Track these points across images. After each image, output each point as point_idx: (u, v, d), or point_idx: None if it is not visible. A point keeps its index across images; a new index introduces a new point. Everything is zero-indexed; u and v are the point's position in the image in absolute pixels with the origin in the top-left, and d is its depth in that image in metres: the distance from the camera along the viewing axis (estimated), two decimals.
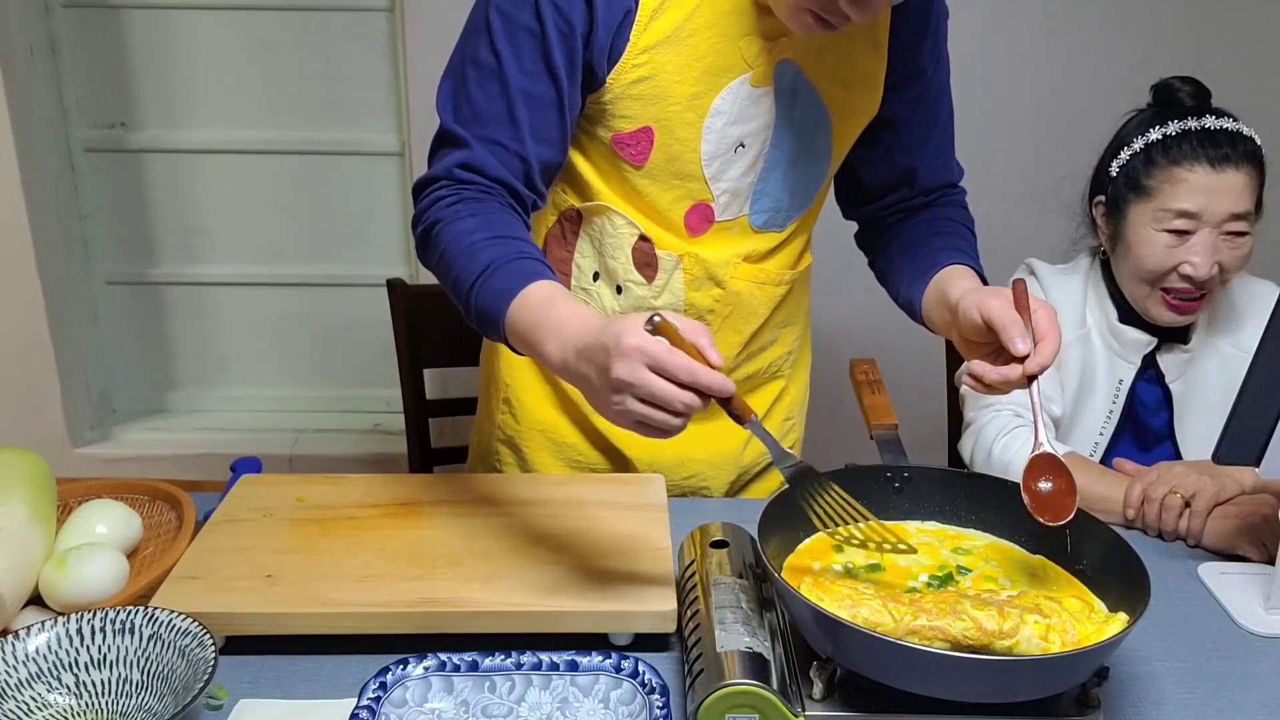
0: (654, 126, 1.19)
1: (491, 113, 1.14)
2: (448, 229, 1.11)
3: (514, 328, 1.04)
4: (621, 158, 1.21)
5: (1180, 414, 1.47)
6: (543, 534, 1.15)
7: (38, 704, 0.93)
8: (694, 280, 1.28)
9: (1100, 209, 1.49)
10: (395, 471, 1.33)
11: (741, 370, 1.37)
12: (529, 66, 1.13)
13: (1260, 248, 1.50)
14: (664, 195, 1.23)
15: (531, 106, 1.14)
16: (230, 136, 2.74)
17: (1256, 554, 1.22)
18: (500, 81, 1.13)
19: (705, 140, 1.20)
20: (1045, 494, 0.97)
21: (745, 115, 1.20)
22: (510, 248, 1.08)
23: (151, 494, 1.24)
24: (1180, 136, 1.40)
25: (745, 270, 1.29)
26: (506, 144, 1.14)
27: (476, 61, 1.14)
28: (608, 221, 1.26)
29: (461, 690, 0.96)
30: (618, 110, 1.18)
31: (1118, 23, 2.47)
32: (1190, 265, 1.38)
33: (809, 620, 0.91)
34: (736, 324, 1.33)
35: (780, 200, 1.28)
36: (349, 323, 2.90)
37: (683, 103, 1.18)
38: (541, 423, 1.37)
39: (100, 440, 2.91)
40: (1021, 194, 2.29)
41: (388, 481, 1.26)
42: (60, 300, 2.71)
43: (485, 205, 1.13)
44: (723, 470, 1.42)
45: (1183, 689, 1.02)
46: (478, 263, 1.07)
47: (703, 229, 1.26)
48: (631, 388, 0.90)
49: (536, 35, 1.12)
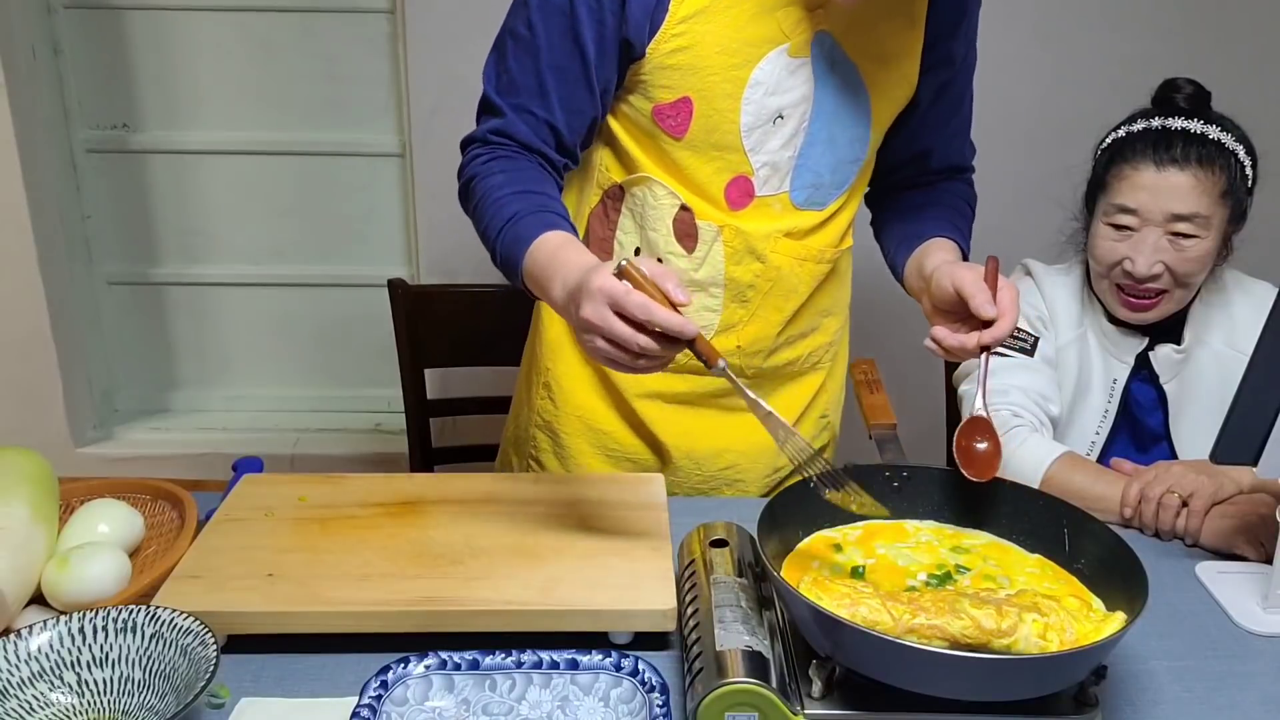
0: (693, 97, 1.20)
1: (524, 83, 1.21)
2: (482, 182, 1.20)
3: (529, 270, 1.12)
4: (662, 129, 1.23)
5: (1176, 414, 1.47)
6: (543, 534, 1.15)
7: (40, 703, 0.94)
8: (734, 253, 1.29)
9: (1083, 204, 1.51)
10: (396, 471, 1.34)
11: (781, 355, 1.38)
12: (557, 42, 1.19)
13: (1257, 248, 1.50)
14: (704, 167, 1.25)
15: (561, 79, 1.20)
16: (232, 137, 2.74)
17: (1254, 553, 1.23)
18: (533, 55, 1.20)
19: (744, 111, 1.21)
20: (976, 453, 1.07)
21: (784, 86, 1.22)
22: (534, 201, 1.16)
23: (153, 493, 1.24)
24: (1139, 135, 1.42)
25: (787, 246, 1.30)
26: (536, 112, 1.21)
27: (514, 34, 1.21)
28: (649, 192, 1.28)
29: (462, 688, 0.96)
30: (657, 80, 1.20)
31: (1116, 23, 2.47)
32: (1130, 261, 1.40)
33: (808, 619, 0.91)
34: (777, 301, 1.33)
35: (820, 176, 1.29)
36: (350, 323, 2.90)
37: (721, 73, 1.19)
38: (580, 408, 1.38)
39: (102, 440, 2.91)
40: (1020, 194, 2.29)
41: (389, 481, 1.27)
42: (62, 300, 2.72)
43: (517, 163, 1.21)
44: (759, 463, 1.42)
45: (1180, 688, 1.02)
46: (504, 213, 1.15)
47: (744, 203, 1.27)
48: (596, 328, 0.99)
49: (566, 13, 1.17)
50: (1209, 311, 1.48)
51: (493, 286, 1.79)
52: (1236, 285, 1.50)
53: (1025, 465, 1.34)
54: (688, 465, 1.39)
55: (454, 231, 2.65)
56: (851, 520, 1.11)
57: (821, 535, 1.09)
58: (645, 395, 1.36)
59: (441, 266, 2.64)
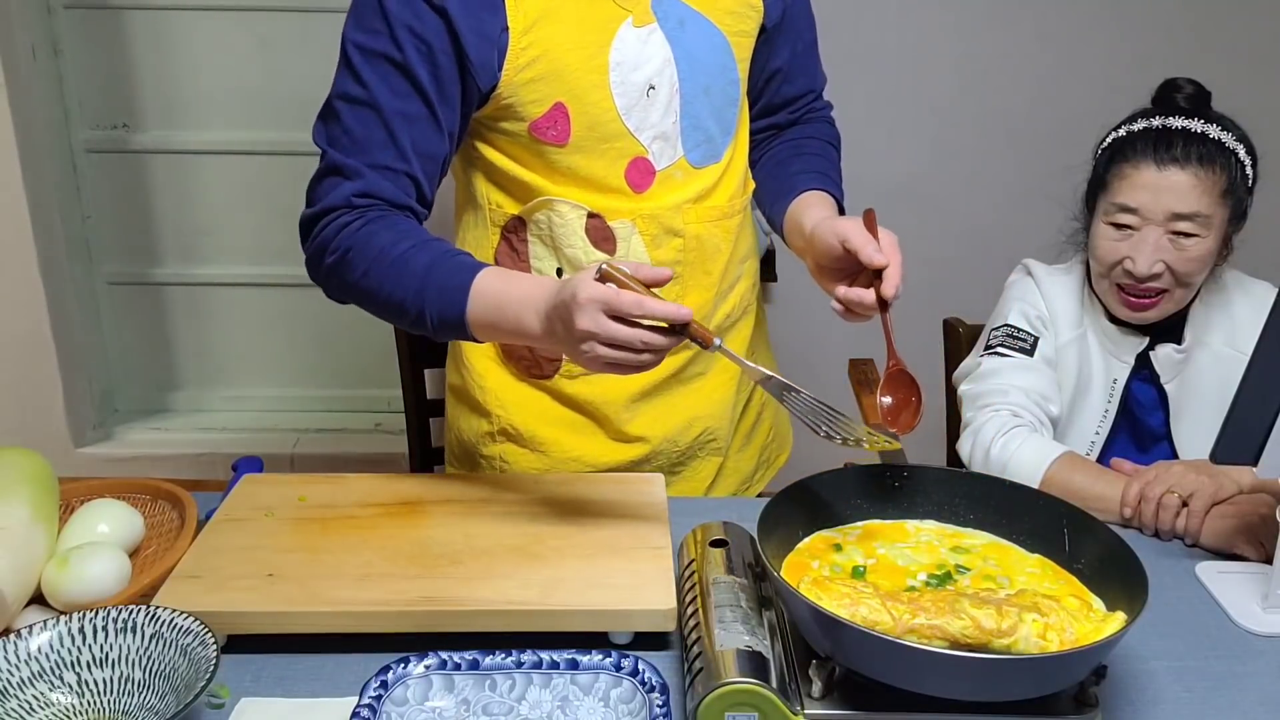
0: (564, 100, 1.20)
1: (373, 138, 1.17)
2: (365, 249, 1.15)
3: (477, 318, 1.10)
4: (545, 142, 1.22)
5: (1176, 413, 1.47)
6: (543, 534, 1.15)
7: (40, 703, 0.94)
8: (653, 239, 1.29)
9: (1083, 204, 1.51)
10: (396, 471, 1.34)
11: (720, 312, 1.39)
12: (397, 87, 1.16)
13: (1257, 248, 1.50)
14: (598, 162, 1.25)
15: (409, 124, 1.17)
16: (231, 138, 2.75)
17: (1254, 553, 1.23)
18: (373, 108, 1.16)
19: (615, 95, 1.22)
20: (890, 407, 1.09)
21: (643, 57, 1.22)
22: (438, 248, 1.14)
23: (153, 493, 1.24)
24: (1139, 134, 1.42)
25: (697, 212, 1.31)
26: (394, 165, 1.18)
27: (347, 95, 1.18)
28: (553, 213, 1.27)
29: (462, 688, 0.96)
30: (523, 98, 1.19)
31: (1116, 23, 2.47)
32: (1131, 261, 1.39)
33: (808, 619, 0.91)
34: (706, 266, 1.34)
35: (709, 130, 1.30)
36: (350, 323, 2.89)
37: (581, 66, 1.19)
38: (547, 444, 1.37)
39: (102, 440, 2.91)
40: (1020, 194, 2.30)
41: (389, 481, 1.27)
42: (62, 300, 2.72)
43: (392, 220, 1.17)
44: (725, 419, 1.43)
45: (1180, 688, 1.02)
46: (414, 270, 1.12)
47: (646, 183, 1.27)
48: (594, 335, 1.00)
49: (396, 61, 1.15)
50: (1209, 311, 1.48)
51: None
52: (1236, 285, 1.50)
53: (1025, 465, 1.34)
54: (666, 447, 1.40)
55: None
56: (851, 520, 1.11)
57: (821, 535, 1.09)
58: (622, 409, 1.36)
59: None
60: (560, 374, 1.35)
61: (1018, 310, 1.52)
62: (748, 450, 1.51)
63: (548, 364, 1.35)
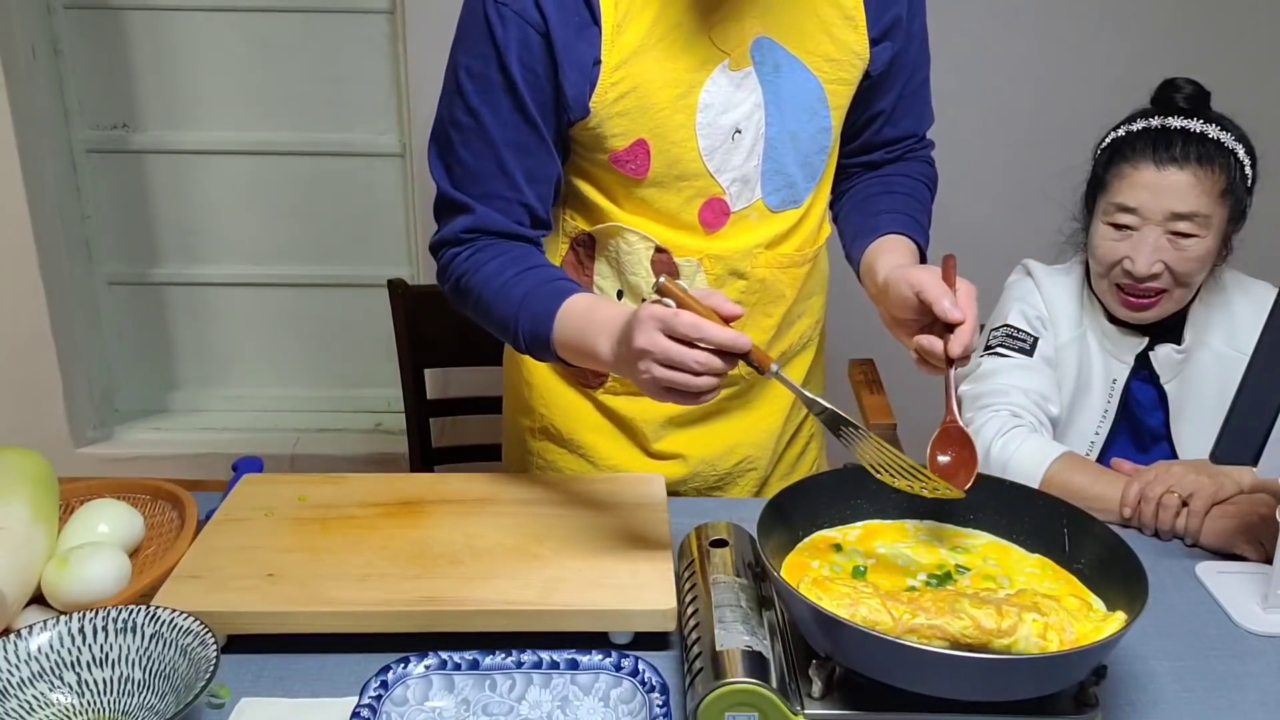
0: (647, 137, 1.19)
1: (484, 170, 1.18)
2: (475, 276, 1.19)
3: (562, 340, 1.11)
4: (623, 174, 1.22)
5: (1176, 414, 1.47)
6: (543, 534, 1.15)
7: (40, 703, 0.94)
8: (717, 279, 1.29)
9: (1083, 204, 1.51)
10: (396, 471, 1.34)
11: (775, 349, 1.38)
12: (507, 118, 1.16)
13: (1257, 248, 1.50)
14: (674, 199, 1.24)
15: (520, 153, 1.18)
16: (232, 138, 2.75)
17: (1254, 553, 1.23)
18: (483, 139, 1.17)
19: (700, 136, 1.20)
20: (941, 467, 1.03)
21: (733, 101, 1.21)
22: (540, 275, 1.16)
23: (153, 493, 1.24)
24: (1138, 134, 1.42)
25: (766, 258, 1.30)
26: (505, 195, 1.19)
27: (457, 124, 1.18)
28: (622, 240, 1.27)
29: (462, 689, 0.96)
30: (609, 130, 1.19)
31: (1116, 22, 2.47)
32: (1130, 260, 1.39)
33: (808, 619, 0.91)
34: (765, 308, 1.33)
35: (791, 176, 1.28)
36: (350, 323, 2.90)
37: (669, 106, 1.18)
38: (586, 447, 1.39)
39: (102, 440, 2.91)
40: (1019, 194, 2.29)
41: (389, 481, 1.27)
42: (62, 300, 2.72)
43: (500, 247, 1.20)
44: (766, 449, 1.43)
45: (1180, 688, 1.02)
46: (514, 296, 1.15)
47: (719, 223, 1.27)
48: (649, 354, 0.98)
49: (506, 89, 1.15)
50: (1209, 311, 1.48)
51: None
52: (1236, 285, 1.50)
53: (1025, 465, 1.34)
54: (704, 469, 1.40)
55: None
56: (851, 520, 1.11)
57: (821, 535, 1.09)
58: (659, 429, 1.37)
59: None
60: (604, 389, 1.36)
61: (1017, 310, 1.52)
62: (791, 479, 1.50)
63: (593, 376, 1.35)
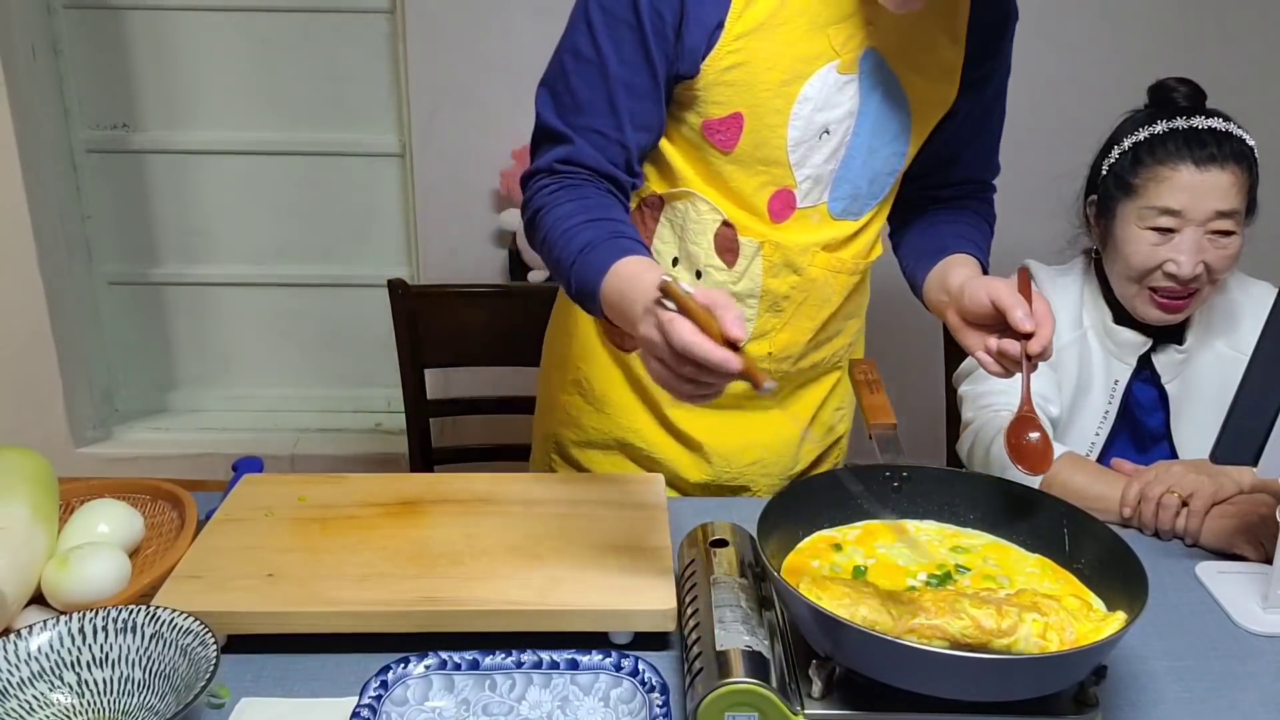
0: (744, 112, 1.21)
1: (592, 103, 1.19)
2: (549, 214, 1.18)
3: (607, 299, 1.10)
4: (710, 143, 1.23)
5: (1176, 414, 1.47)
6: (543, 534, 1.15)
7: (40, 703, 0.94)
8: (772, 267, 1.29)
9: (1093, 208, 1.50)
10: (396, 471, 1.34)
11: (809, 359, 1.39)
12: (628, 57, 1.17)
13: (1257, 248, 1.50)
14: (749, 181, 1.25)
15: (631, 95, 1.19)
16: (232, 138, 2.75)
17: (1254, 553, 1.23)
18: (600, 73, 1.18)
19: (792, 126, 1.22)
20: (1029, 446, 1.06)
21: (832, 102, 1.22)
22: (606, 229, 1.15)
23: (153, 493, 1.24)
24: (1167, 135, 1.41)
25: (822, 259, 1.31)
26: (607, 133, 1.19)
27: (577, 53, 1.19)
28: (691, 207, 1.28)
29: (462, 689, 0.96)
30: (710, 96, 1.20)
31: (1116, 22, 2.47)
32: (1175, 264, 1.38)
33: (808, 619, 0.91)
34: (810, 310, 1.34)
35: (858, 188, 1.29)
36: (350, 323, 2.90)
37: (772, 89, 1.19)
38: (611, 405, 1.40)
39: (102, 440, 2.92)
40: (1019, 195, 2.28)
41: (389, 481, 1.27)
42: (62, 300, 2.72)
43: (583, 191, 1.19)
44: (783, 456, 1.44)
45: (1180, 688, 1.02)
46: (576, 243, 1.14)
47: (785, 215, 1.28)
48: (652, 346, 0.96)
49: (634, 27, 1.16)
50: (1211, 312, 1.48)
51: (493, 287, 1.79)
52: (1237, 285, 1.50)
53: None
54: (719, 460, 1.41)
55: (454, 231, 2.66)
56: (851, 520, 1.11)
57: (821, 535, 1.09)
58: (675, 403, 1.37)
59: (441, 266, 2.64)
60: (637, 353, 1.36)
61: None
62: None
63: (628, 339, 1.36)
